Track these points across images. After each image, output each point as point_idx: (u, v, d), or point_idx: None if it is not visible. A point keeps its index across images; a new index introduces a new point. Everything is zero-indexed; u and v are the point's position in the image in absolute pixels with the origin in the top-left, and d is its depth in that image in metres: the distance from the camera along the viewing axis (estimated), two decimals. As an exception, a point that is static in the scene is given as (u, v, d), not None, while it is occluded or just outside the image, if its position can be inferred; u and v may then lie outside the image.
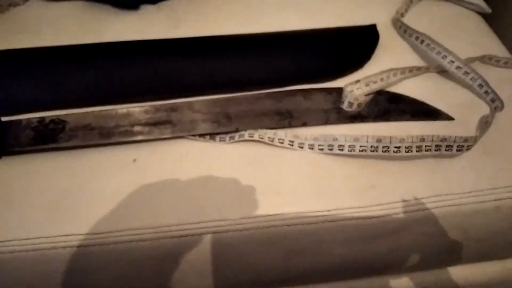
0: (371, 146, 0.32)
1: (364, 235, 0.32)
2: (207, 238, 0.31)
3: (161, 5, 0.47)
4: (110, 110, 0.35)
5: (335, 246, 0.33)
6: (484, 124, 0.35)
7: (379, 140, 0.32)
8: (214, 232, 0.31)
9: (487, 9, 0.47)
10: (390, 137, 0.32)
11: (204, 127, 0.35)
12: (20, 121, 0.34)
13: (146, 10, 0.47)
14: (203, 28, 0.44)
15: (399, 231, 0.33)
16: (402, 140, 0.31)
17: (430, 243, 0.34)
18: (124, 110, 0.35)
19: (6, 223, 0.30)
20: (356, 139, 0.32)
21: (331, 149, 0.33)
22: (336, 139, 0.33)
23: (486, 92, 0.37)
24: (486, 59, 0.40)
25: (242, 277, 0.34)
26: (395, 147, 0.32)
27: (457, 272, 0.38)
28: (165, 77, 0.39)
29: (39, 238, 0.30)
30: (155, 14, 0.47)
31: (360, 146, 0.32)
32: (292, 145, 0.34)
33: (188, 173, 0.33)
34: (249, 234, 0.31)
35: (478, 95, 0.38)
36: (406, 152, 0.32)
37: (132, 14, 0.46)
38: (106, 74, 0.38)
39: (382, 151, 0.32)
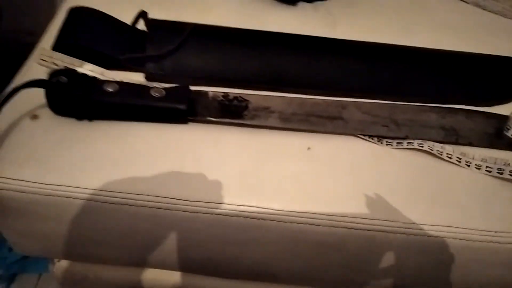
0: (547, 178, 0.33)
1: (521, 262, 0.33)
2: (373, 234, 0.32)
3: (317, 4, 0.49)
4: (286, 97, 0.37)
5: (489, 267, 0.34)
6: None
7: (556, 174, 0.33)
8: (381, 231, 0.32)
9: None
10: None
11: (374, 129, 0.36)
12: (206, 92, 0.36)
13: (303, 7, 0.49)
14: (358, 32, 0.46)
15: (556, 264, 0.33)
16: None
17: None
18: (299, 100, 0.37)
19: (196, 184, 0.32)
20: (531, 168, 0.33)
21: (501, 173, 0.34)
22: (509, 164, 0.34)
23: None
24: None
25: (387, 279, 0.35)
26: None
27: None
28: (334, 74, 0.40)
29: (230, 204, 0.32)
30: (311, 13, 0.48)
31: (535, 176, 0.33)
32: (460, 161, 0.35)
33: (357, 169, 0.35)
34: (413, 239, 0.32)
35: None
36: None
37: (289, 9, 0.48)
38: (279, 62, 0.40)
39: (557, 185, 0.33)
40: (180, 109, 0.34)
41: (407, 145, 0.36)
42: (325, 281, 0.36)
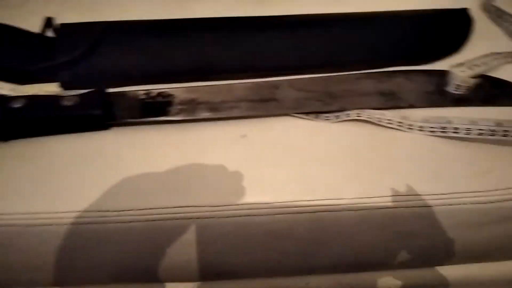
0: (490, 130, 0.31)
1: (477, 221, 0.32)
2: (320, 216, 0.31)
3: (242, -16, 0.47)
4: (213, 85, 0.35)
5: (449, 230, 0.32)
6: None
7: (499, 124, 0.31)
8: (327, 211, 0.31)
9: None
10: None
11: (309, 105, 0.35)
12: (125, 92, 0.34)
13: (228, -12, 0.47)
14: (289, 6, 0.43)
15: (512, 217, 0.32)
16: (525, 124, 0.31)
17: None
18: (227, 86, 0.35)
19: (119, 193, 0.30)
20: (474, 122, 0.32)
21: (444, 132, 0.33)
22: (450, 121, 0.32)
23: None
24: None
25: (344, 258, 0.34)
26: (516, 131, 0.31)
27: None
28: (262, 54, 0.38)
29: (155, 208, 0.30)
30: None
31: (478, 130, 0.31)
32: (401, 126, 0.33)
33: (296, 150, 0.33)
34: (363, 214, 0.31)
35: None
36: (527, 136, 0.31)
37: (214, -8, 0.46)
38: (203, 49, 0.38)
39: (501, 135, 0.31)
40: (96, 115, 0.31)
41: (346, 117, 0.34)
42: (284, 270, 0.35)
